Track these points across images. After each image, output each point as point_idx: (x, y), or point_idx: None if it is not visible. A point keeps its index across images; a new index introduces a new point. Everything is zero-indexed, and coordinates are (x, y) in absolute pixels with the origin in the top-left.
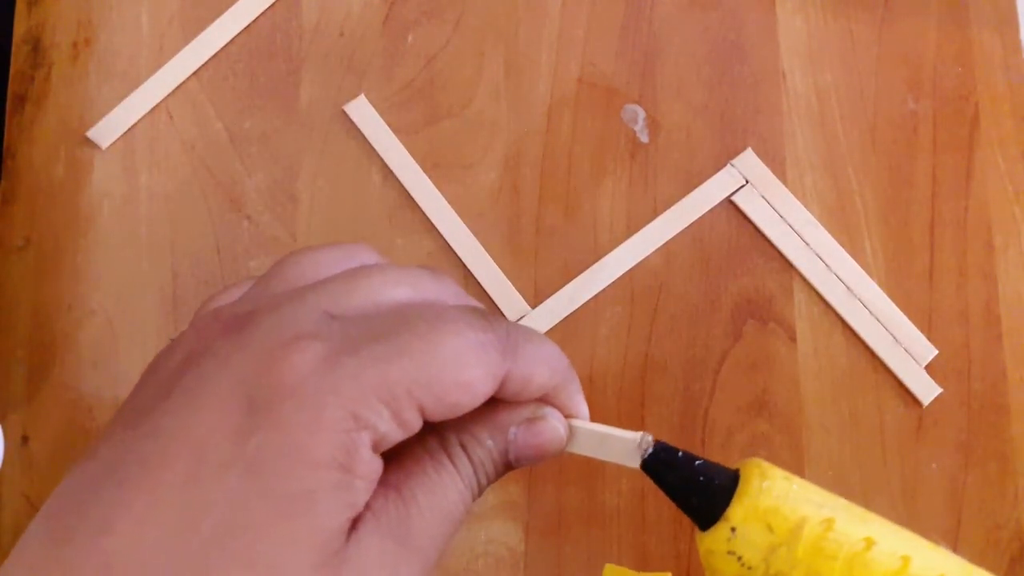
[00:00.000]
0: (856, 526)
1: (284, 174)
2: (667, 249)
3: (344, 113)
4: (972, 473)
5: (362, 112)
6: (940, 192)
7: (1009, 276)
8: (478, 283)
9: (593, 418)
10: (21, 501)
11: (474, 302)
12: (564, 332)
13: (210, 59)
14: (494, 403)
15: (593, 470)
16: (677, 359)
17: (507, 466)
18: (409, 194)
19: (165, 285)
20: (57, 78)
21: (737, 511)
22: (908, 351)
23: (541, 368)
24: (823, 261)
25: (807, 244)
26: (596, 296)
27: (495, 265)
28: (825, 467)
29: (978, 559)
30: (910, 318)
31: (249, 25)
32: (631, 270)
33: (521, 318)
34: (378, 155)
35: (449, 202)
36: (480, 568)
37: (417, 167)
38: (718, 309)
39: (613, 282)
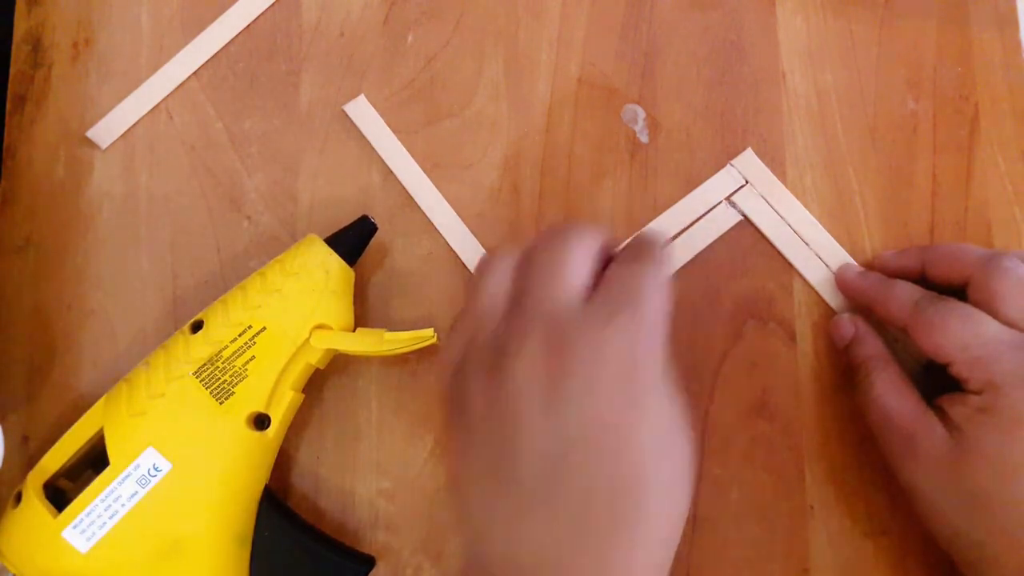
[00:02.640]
0: None
1: (284, 174)
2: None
3: (344, 113)
4: None
5: (361, 112)
6: (940, 192)
7: None
8: None
9: None
10: None
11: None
12: None
13: (210, 59)
14: None
15: None
16: (677, 359)
17: None
18: (408, 194)
19: (165, 285)
20: (57, 78)
21: None
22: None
23: None
24: (823, 261)
25: (807, 244)
26: None
27: None
28: (825, 467)
29: None
30: None
31: (249, 25)
32: None
33: None
34: (378, 155)
35: (449, 202)
36: None
37: (417, 167)
38: (718, 309)
39: None
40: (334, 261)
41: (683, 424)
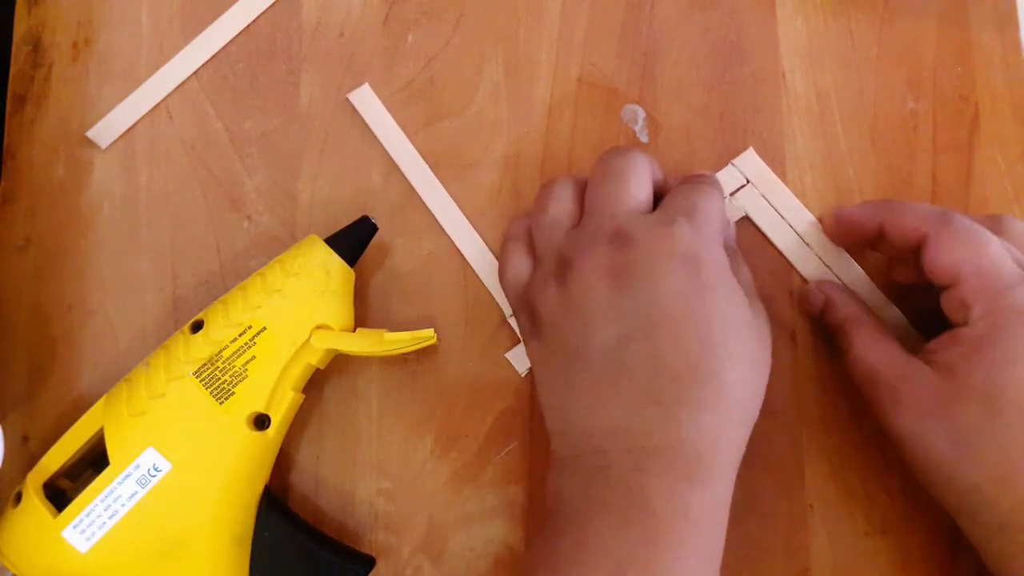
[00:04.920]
0: None
1: (284, 174)
2: None
3: (344, 113)
4: None
5: (365, 100)
6: (940, 192)
7: None
8: (479, 281)
9: None
10: None
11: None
12: None
13: (210, 59)
14: None
15: None
16: None
17: None
18: (409, 194)
19: (165, 285)
20: (57, 78)
21: None
22: (907, 351)
23: None
24: (823, 261)
25: (807, 244)
26: None
27: (496, 262)
28: (825, 467)
29: (978, 560)
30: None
31: (249, 25)
32: None
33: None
34: (378, 154)
35: None
36: (480, 568)
37: (420, 158)
38: None
39: None
40: (334, 261)
41: (755, 308)
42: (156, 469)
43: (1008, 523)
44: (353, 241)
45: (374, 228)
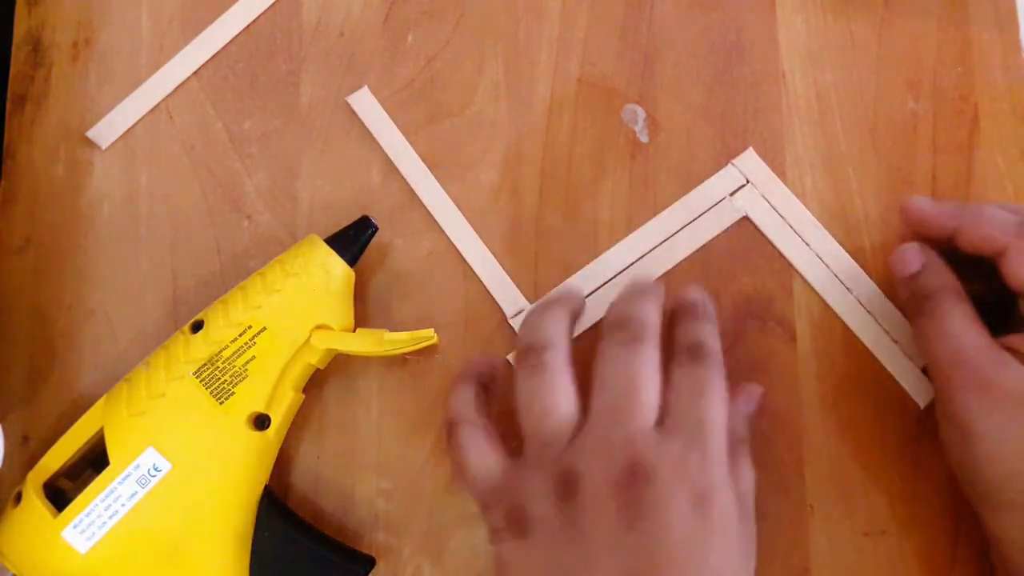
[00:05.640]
0: None
1: (284, 174)
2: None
3: (344, 113)
4: None
5: (364, 103)
6: (940, 192)
7: None
8: (479, 281)
9: None
10: None
11: None
12: None
13: (210, 59)
14: None
15: None
16: None
17: None
18: (409, 194)
19: (165, 285)
20: (57, 78)
21: None
22: (906, 352)
23: None
24: (823, 261)
25: (807, 244)
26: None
27: (496, 262)
28: (825, 467)
29: (978, 560)
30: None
31: (249, 25)
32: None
33: (518, 313)
34: (378, 154)
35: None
36: (480, 568)
37: (419, 160)
38: (718, 309)
39: (614, 281)
40: (335, 261)
41: (748, 533)
42: (156, 469)
43: None
44: (353, 241)
45: (374, 228)
